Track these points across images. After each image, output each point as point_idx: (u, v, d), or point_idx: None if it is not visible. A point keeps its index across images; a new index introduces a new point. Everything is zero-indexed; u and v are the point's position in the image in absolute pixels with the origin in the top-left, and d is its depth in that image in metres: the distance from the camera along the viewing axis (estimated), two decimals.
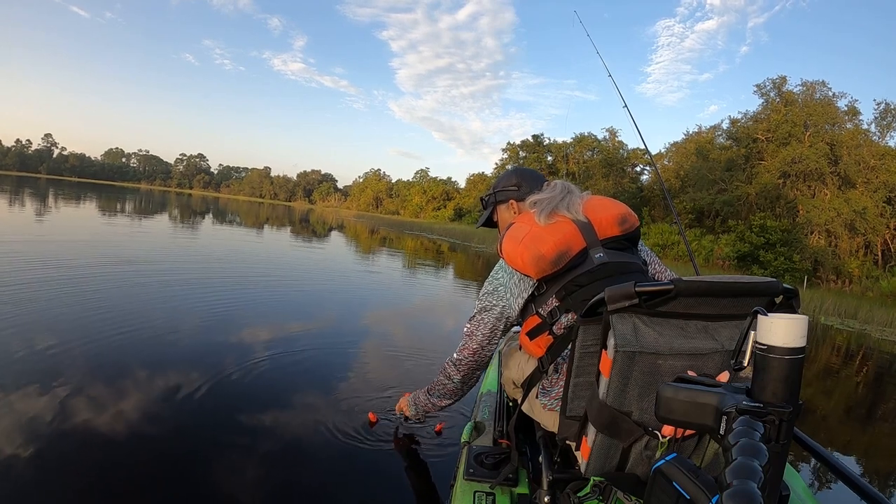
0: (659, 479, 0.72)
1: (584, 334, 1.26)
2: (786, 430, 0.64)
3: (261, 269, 10.09)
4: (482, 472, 1.67)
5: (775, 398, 0.65)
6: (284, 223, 31.62)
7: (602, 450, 1.22)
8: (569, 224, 1.54)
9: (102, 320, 4.75)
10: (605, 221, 1.57)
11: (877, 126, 26.79)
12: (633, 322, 1.14)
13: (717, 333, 1.17)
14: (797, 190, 25.27)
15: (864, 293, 20.08)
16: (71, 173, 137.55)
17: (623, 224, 1.58)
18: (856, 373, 7.72)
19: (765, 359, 0.67)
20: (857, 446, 4.39)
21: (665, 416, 0.75)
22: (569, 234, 1.51)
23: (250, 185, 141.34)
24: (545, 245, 1.48)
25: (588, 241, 1.53)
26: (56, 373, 3.49)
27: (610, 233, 1.57)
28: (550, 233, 1.51)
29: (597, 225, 1.56)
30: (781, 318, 0.66)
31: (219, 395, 3.48)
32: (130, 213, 23.92)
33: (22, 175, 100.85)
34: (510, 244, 1.57)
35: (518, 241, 1.54)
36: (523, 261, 1.51)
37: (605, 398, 1.16)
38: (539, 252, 1.48)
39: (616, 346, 1.11)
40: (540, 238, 1.50)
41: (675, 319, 1.18)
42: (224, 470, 2.62)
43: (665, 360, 1.13)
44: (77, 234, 11.89)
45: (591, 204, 1.63)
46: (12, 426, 2.70)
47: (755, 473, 0.52)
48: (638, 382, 1.14)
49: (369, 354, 4.84)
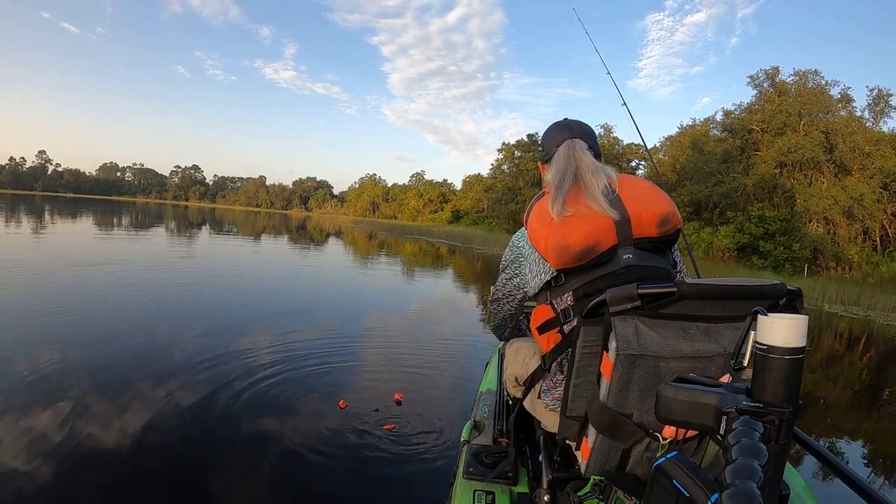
0: (659, 477, 0.72)
1: (585, 335, 1.24)
2: (786, 429, 0.64)
3: (261, 279, 10.10)
4: (482, 470, 1.67)
5: (775, 398, 0.65)
6: (282, 232, 31.63)
7: (602, 450, 1.20)
8: (604, 218, 1.36)
9: (115, 332, 4.77)
10: (646, 219, 1.38)
11: (870, 112, 26.80)
12: (636, 324, 1.13)
13: (719, 336, 1.16)
14: (794, 179, 25.25)
15: (865, 279, 20.10)
16: (66, 189, 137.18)
17: (664, 225, 1.40)
18: (860, 358, 7.73)
19: (765, 359, 0.66)
20: (865, 432, 4.39)
21: (665, 416, 0.75)
22: (602, 229, 1.35)
23: (246, 194, 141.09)
24: (573, 236, 1.34)
25: (620, 239, 1.36)
26: (62, 386, 3.51)
27: (647, 233, 1.39)
28: (580, 224, 1.35)
29: (635, 222, 1.37)
30: (781, 318, 0.66)
31: (226, 402, 3.51)
32: (129, 227, 23.88)
33: (17, 193, 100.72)
34: (536, 221, 1.45)
35: (546, 222, 1.40)
36: (546, 246, 1.38)
37: (605, 400, 1.15)
38: (565, 242, 1.34)
39: (618, 349, 1.10)
40: (570, 226, 1.35)
41: (677, 321, 1.16)
42: (228, 469, 2.67)
43: (667, 363, 1.11)
44: (88, 251, 11.91)
45: (634, 192, 1.43)
46: (15, 442, 2.71)
47: (755, 473, 0.52)
48: (639, 385, 1.12)
49: (370, 357, 4.85)
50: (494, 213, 45.93)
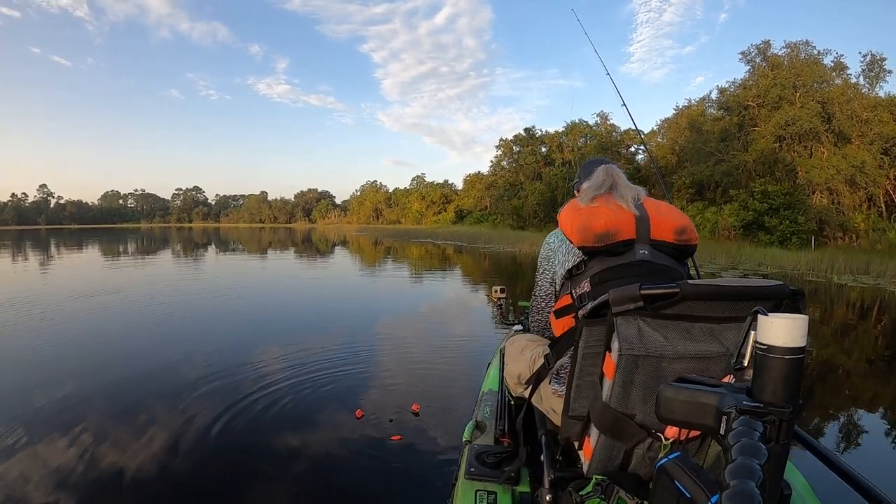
0: (662, 478, 0.73)
1: (587, 335, 1.24)
2: (786, 429, 0.64)
3: (271, 293, 10.12)
4: (483, 470, 1.67)
5: (775, 398, 0.65)
6: (288, 245, 31.69)
7: (605, 450, 1.21)
8: (626, 213, 1.52)
9: (127, 355, 4.81)
10: (664, 224, 1.52)
11: (865, 78, 26.53)
12: (638, 325, 1.13)
13: (722, 337, 1.16)
14: (794, 152, 25.02)
15: (873, 246, 19.93)
16: (70, 221, 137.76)
17: (680, 234, 1.52)
18: (874, 327, 7.67)
19: (765, 359, 0.67)
20: (884, 400, 4.37)
21: (665, 416, 0.75)
22: (622, 221, 1.50)
23: (249, 211, 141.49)
24: (597, 220, 1.49)
25: (638, 234, 1.49)
26: (81, 412, 3.59)
27: (663, 236, 1.51)
28: (605, 212, 1.52)
29: (654, 223, 1.52)
30: (781, 317, 0.66)
31: (244, 417, 3.56)
32: (136, 253, 23.98)
33: (22, 229, 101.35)
34: (567, 211, 1.61)
35: (576, 210, 1.58)
36: (571, 227, 1.53)
37: (608, 400, 1.16)
38: (588, 223, 1.49)
39: (620, 350, 1.10)
40: (594, 213, 1.52)
41: (680, 322, 1.16)
42: (249, 482, 2.71)
43: (669, 364, 1.12)
44: (97, 280, 11.98)
45: (658, 205, 1.60)
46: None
47: (754, 473, 0.53)
48: (642, 385, 1.13)
49: (385, 364, 4.87)
50: (497, 209, 45.83)
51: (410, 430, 3.46)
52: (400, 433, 3.37)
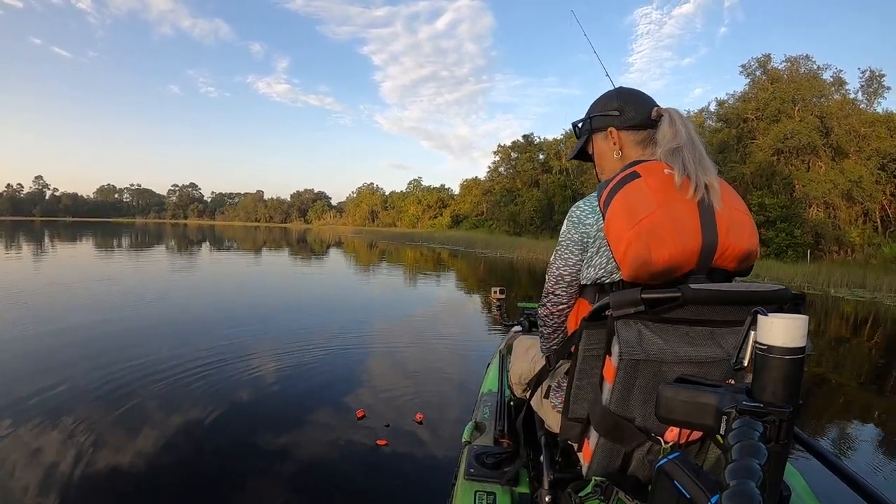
0: (661, 478, 0.73)
1: (587, 338, 1.23)
2: (786, 430, 0.64)
3: (266, 292, 10.11)
4: (483, 471, 1.66)
5: (775, 398, 0.65)
6: (283, 245, 31.66)
7: (604, 453, 1.21)
8: (694, 237, 1.16)
9: (121, 349, 4.77)
10: (731, 252, 1.21)
11: (863, 94, 26.71)
12: (639, 329, 1.12)
13: (723, 341, 1.14)
14: (792, 165, 25.16)
15: (868, 261, 20.03)
16: (65, 213, 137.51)
17: (743, 262, 1.25)
18: (867, 339, 7.70)
19: (765, 359, 0.67)
20: (875, 415, 4.38)
21: (665, 416, 0.75)
22: (689, 251, 1.16)
23: (244, 210, 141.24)
24: (660, 251, 1.14)
25: (698, 266, 1.19)
26: (72, 406, 3.54)
27: (725, 265, 1.23)
28: (672, 237, 1.15)
29: (721, 247, 1.19)
30: (781, 318, 0.66)
31: (235, 414, 3.54)
32: (130, 247, 23.90)
33: (16, 220, 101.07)
34: (622, 215, 1.19)
35: (635, 220, 1.16)
36: (625, 254, 1.17)
37: (608, 404, 1.15)
38: (648, 257, 1.14)
39: (621, 354, 1.09)
40: (659, 238, 1.14)
41: (680, 326, 1.15)
42: (241, 480, 2.69)
43: (670, 368, 1.11)
44: (92, 272, 11.92)
45: (732, 215, 1.22)
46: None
47: (754, 473, 0.52)
48: (642, 389, 1.12)
49: (385, 365, 4.85)
50: (494, 215, 45.85)
51: (410, 430, 3.45)
52: (400, 434, 3.35)
